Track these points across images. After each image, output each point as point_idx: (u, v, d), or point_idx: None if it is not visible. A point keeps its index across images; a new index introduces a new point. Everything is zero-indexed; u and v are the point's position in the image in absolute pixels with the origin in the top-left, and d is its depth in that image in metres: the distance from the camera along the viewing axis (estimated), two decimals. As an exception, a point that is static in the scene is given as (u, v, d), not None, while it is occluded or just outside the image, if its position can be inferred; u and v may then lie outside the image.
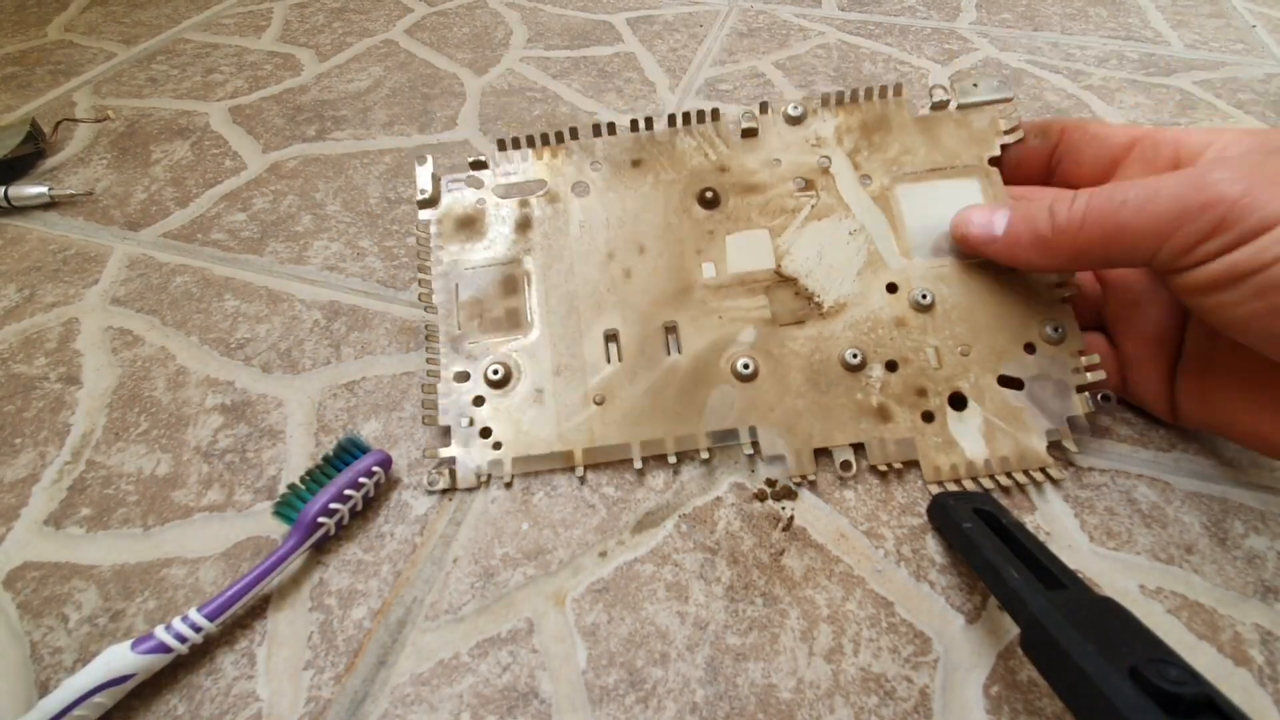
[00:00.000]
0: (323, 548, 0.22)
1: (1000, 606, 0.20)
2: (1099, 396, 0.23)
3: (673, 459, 0.23)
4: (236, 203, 0.36)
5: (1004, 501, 0.23)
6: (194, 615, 0.19)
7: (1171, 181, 0.19)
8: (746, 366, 0.24)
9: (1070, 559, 0.21)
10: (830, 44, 0.49)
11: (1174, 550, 0.22)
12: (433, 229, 0.27)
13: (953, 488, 0.22)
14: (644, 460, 0.23)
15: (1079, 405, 0.23)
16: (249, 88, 0.45)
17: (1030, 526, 0.22)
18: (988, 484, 0.22)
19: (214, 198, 0.37)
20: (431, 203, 0.27)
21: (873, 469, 0.24)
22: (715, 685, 0.19)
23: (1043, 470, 0.22)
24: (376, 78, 0.46)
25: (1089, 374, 0.23)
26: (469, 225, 0.26)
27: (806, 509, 0.23)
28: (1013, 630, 0.20)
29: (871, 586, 0.21)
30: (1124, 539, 0.22)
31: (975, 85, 0.27)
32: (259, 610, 0.21)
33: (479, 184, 0.27)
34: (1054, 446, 0.23)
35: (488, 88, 0.45)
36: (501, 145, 0.27)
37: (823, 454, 0.24)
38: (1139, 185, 0.20)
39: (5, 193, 0.36)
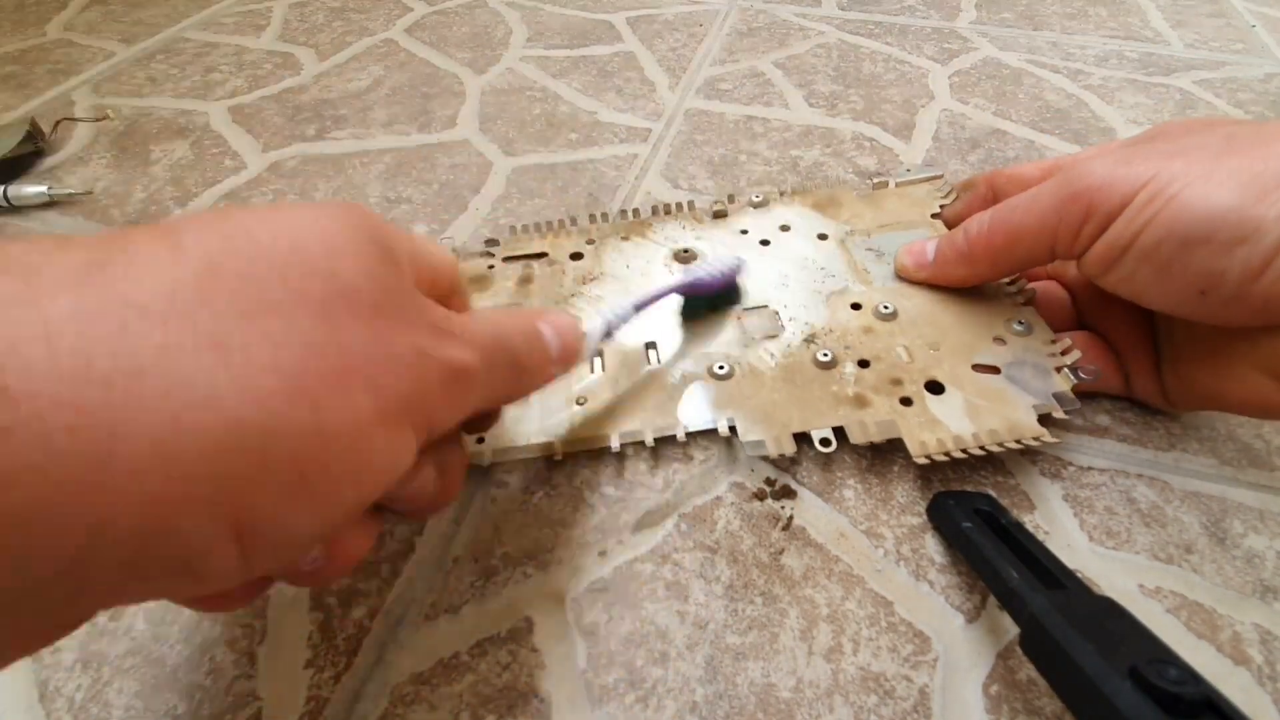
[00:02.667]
0: None
1: (1000, 606, 0.20)
2: (1079, 372, 0.23)
3: (650, 443, 0.23)
4: (236, 202, 0.36)
5: (1002, 490, 0.23)
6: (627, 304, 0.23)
7: (1050, 183, 0.22)
8: (722, 368, 0.25)
9: (1069, 558, 0.21)
10: (830, 43, 0.49)
11: (1173, 550, 0.22)
12: None
13: (941, 459, 0.22)
14: (622, 446, 0.24)
15: (1061, 382, 0.23)
16: (248, 87, 0.45)
17: (1029, 526, 0.22)
18: (979, 454, 0.22)
19: (214, 197, 0.36)
20: None
21: (871, 468, 0.24)
22: (715, 684, 0.19)
23: (1037, 438, 0.22)
24: (376, 77, 0.46)
25: (1065, 356, 0.24)
26: (477, 283, 0.30)
27: (806, 508, 0.23)
28: (1012, 630, 0.20)
29: (871, 586, 0.21)
30: (1123, 538, 0.22)
31: (908, 170, 0.33)
32: (259, 609, 0.21)
33: (490, 255, 0.30)
34: (1044, 419, 0.23)
35: (487, 87, 0.45)
36: (513, 230, 0.32)
37: (804, 442, 0.23)
38: (1027, 193, 0.23)
39: (4, 192, 0.36)
